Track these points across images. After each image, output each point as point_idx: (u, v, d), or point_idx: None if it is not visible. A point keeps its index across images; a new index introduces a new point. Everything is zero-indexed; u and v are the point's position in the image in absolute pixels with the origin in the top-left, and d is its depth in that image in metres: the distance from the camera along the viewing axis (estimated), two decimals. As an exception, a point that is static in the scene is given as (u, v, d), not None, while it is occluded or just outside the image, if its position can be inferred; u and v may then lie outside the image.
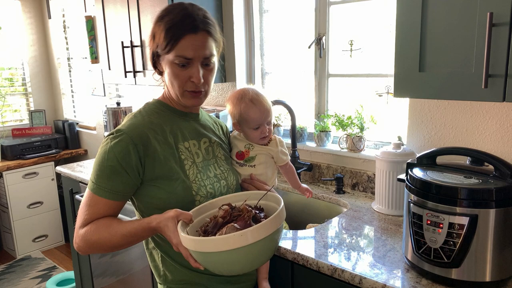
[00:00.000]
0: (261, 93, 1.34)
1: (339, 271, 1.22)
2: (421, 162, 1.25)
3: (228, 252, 0.90)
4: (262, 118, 1.32)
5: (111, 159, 1.07)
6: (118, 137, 1.09)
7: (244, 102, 1.31)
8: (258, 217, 1.02)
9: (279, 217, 0.98)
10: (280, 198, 1.07)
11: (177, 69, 1.10)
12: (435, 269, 1.11)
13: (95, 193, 1.08)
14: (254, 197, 1.12)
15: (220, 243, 0.91)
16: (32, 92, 4.03)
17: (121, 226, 1.07)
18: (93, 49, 3.32)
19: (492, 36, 1.08)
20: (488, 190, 1.05)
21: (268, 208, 1.10)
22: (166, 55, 1.09)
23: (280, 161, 1.39)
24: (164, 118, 1.18)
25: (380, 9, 1.86)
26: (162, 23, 1.09)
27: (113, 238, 1.06)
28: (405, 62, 1.28)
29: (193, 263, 0.98)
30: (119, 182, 1.08)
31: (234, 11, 2.31)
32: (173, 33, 1.07)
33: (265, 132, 1.34)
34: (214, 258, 0.93)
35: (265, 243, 0.94)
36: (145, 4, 2.25)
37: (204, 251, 0.93)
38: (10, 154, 3.52)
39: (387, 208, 1.62)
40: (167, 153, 1.13)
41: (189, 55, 1.08)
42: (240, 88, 1.38)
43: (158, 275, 1.22)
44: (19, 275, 3.30)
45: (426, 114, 1.65)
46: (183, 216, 1.01)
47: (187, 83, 1.11)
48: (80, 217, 1.11)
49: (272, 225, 0.95)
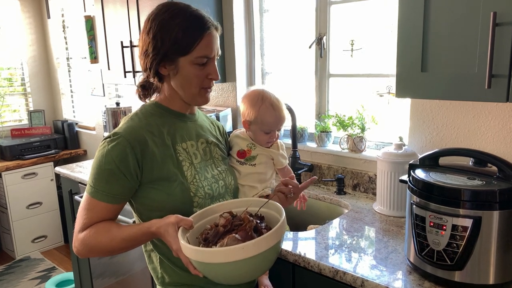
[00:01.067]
0: (280, 99, 1.35)
1: (341, 273, 1.21)
2: (423, 163, 1.24)
3: (228, 263, 0.90)
4: (277, 125, 1.33)
5: (109, 163, 1.06)
6: (115, 140, 1.08)
7: (265, 105, 1.31)
8: (259, 227, 1.00)
9: (281, 229, 0.97)
10: (282, 208, 1.05)
11: (197, 69, 1.11)
12: (438, 271, 1.10)
13: (94, 197, 1.08)
14: (255, 204, 1.11)
15: (220, 255, 0.90)
16: (31, 92, 4.02)
17: (121, 230, 1.06)
18: (92, 49, 3.31)
19: (496, 35, 1.07)
20: (491, 192, 1.03)
21: (269, 217, 1.09)
22: (184, 56, 1.09)
23: (279, 164, 1.40)
24: (161, 119, 1.17)
25: (381, 9, 1.85)
26: (174, 25, 1.07)
27: (113, 243, 1.06)
28: (407, 62, 1.27)
29: (192, 270, 0.98)
30: (118, 185, 1.07)
31: (234, 11, 2.30)
32: (192, 34, 1.08)
33: (273, 137, 1.35)
34: (214, 268, 0.93)
35: (265, 255, 0.93)
36: (145, 4, 2.24)
37: (204, 262, 0.92)
38: (9, 155, 3.51)
39: (388, 209, 1.61)
40: (164, 154, 1.13)
41: (210, 54, 1.11)
42: (258, 88, 1.37)
43: (156, 277, 1.21)
44: (18, 276, 3.28)
45: (428, 114, 1.64)
46: (183, 222, 1.01)
47: (204, 81, 1.13)
48: (79, 221, 1.10)
49: (273, 238, 0.93)
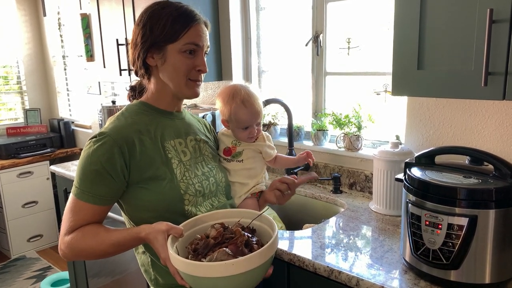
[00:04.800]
0: (253, 93, 1.31)
1: (336, 273, 1.20)
2: (419, 161, 1.23)
3: (217, 278, 0.89)
4: (252, 120, 1.30)
5: (95, 163, 1.04)
6: (101, 140, 1.06)
7: (235, 103, 1.28)
8: (250, 242, 0.98)
9: (273, 246, 0.95)
10: (274, 223, 1.04)
11: (185, 57, 1.11)
12: (434, 270, 1.10)
13: (79, 198, 1.05)
14: (248, 216, 1.10)
15: (210, 270, 0.89)
16: (27, 91, 3.99)
17: (109, 234, 1.04)
18: (88, 47, 3.29)
19: (492, 33, 1.06)
20: (487, 190, 1.03)
21: (260, 230, 1.07)
22: (172, 44, 1.09)
23: (268, 156, 1.36)
24: (148, 118, 1.16)
25: (377, 6, 1.84)
26: (164, 14, 1.09)
27: (101, 247, 1.04)
28: (403, 59, 1.26)
29: (179, 280, 0.96)
30: (104, 186, 1.05)
31: (231, 8, 2.29)
32: (182, 22, 1.09)
33: (253, 133, 1.32)
34: (202, 282, 0.91)
35: (255, 272, 0.92)
36: (140, 1, 2.22)
37: (193, 275, 0.91)
38: (4, 153, 3.49)
39: (384, 208, 1.60)
40: (153, 153, 1.11)
41: (199, 42, 1.11)
42: (232, 84, 1.34)
43: (149, 279, 1.20)
44: (14, 275, 3.26)
45: (425, 112, 1.63)
46: (173, 231, 0.99)
47: (192, 72, 1.13)
48: (64, 223, 1.07)
49: (264, 256, 0.92)
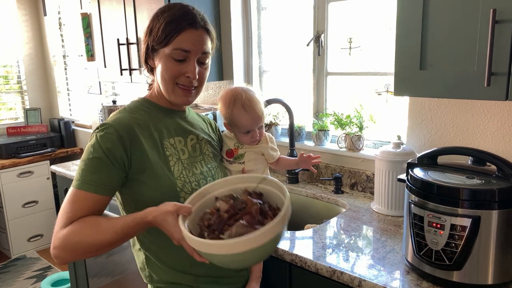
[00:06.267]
0: (255, 97, 1.30)
1: (338, 273, 1.19)
2: (422, 162, 1.23)
3: (239, 254, 0.88)
4: (253, 125, 1.30)
5: (97, 151, 1.04)
6: (103, 130, 1.07)
7: (236, 107, 1.28)
8: (264, 209, 0.97)
9: (288, 212, 0.94)
10: (281, 184, 1.01)
11: (172, 63, 1.09)
12: (436, 271, 1.09)
13: (80, 189, 1.02)
14: (250, 180, 1.07)
15: (230, 247, 0.88)
16: (28, 90, 3.99)
17: (111, 222, 1.00)
18: (89, 47, 3.29)
19: (495, 33, 1.06)
20: (490, 191, 1.02)
21: (267, 193, 1.05)
22: (163, 48, 1.09)
23: (271, 158, 1.36)
24: (149, 115, 1.16)
25: (379, 6, 1.84)
26: (162, 17, 1.10)
27: (102, 237, 0.98)
28: (405, 59, 1.26)
29: (198, 258, 0.95)
30: (105, 174, 1.03)
31: (232, 8, 2.28)
32: (173, 26, 1.08)
33: (255, 136, 1.32)
34: (224, 257, 0.91)
35: (273, 241, 0.92)
36: (141, 1, 2.22)
37: (214, 253, 0.90)
38: (4, 153, 3.48)
39: (386, 209, 1.60)
40: (152, 148, 1.11)
41: (187, 47, 1.08)
42: (233, 87, 1.33)
43: (144, 276, 1.20)
44: (14, 275, 3.26)
45: (426, 113, 1.63)
46: (183, 210, 0.97)
47: (180, 78, 1.11)
48: (61, 217, 1.01)
49: (282, 223, 0.92)
